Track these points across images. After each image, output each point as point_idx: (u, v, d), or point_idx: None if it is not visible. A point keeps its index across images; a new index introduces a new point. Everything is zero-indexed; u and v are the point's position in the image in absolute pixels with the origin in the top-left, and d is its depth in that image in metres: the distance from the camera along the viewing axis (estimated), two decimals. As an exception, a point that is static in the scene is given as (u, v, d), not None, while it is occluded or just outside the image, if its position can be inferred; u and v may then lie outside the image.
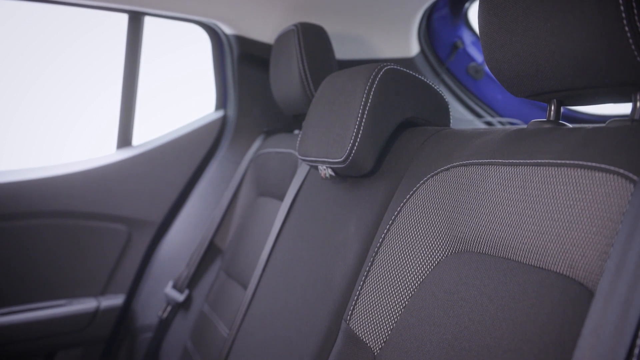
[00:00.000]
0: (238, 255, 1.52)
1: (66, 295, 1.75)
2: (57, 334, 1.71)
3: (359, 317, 0.89)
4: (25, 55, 1.85)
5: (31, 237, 1.67)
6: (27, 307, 1.68)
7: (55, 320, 1.69)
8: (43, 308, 1.69)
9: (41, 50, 1.87)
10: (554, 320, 0.59)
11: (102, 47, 1.94)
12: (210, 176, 1.90)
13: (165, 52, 2.02)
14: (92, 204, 1.74)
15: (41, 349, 1.71)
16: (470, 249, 0.76)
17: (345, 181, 1.12)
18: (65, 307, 1.72)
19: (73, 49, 1.91)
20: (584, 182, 0.62)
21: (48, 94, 1.92)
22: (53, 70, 1.91)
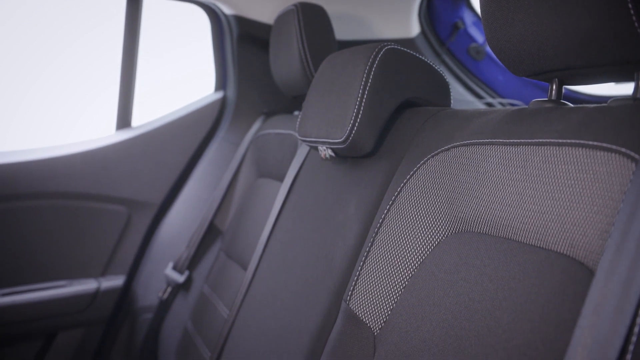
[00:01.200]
0: (238, 237, 1.52)
1: (66, 276, 1.76)
2: (58, 315, 1.71)
3: (358, 298, 0.89)
4: (23, 36, 1.84)
5: (31, 218, 1.67)
6: (27, 288, 1.68)
7: (55, 301, 1.69)
8: (43, 289, 1.70)
9: (39, 31, 1.86)
10: (554, 299, 0.59)
11: (101, 28, 1.93)
12: (210, 157, 1.90)
13: (165, 33, 2.01)
14: (92, 185, 1.74)
15: (42, 330, 1.72)
16: (471, 229, 0.76)
17: (345, 162, 1.12)
18: (66, 288, 1.73)
19: (71, 29, 1.90)
20: (586, 162, 0.62)
21: (47, 76, 1.91)
22: (51, 52, 1.90)
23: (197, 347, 1.42)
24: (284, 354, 1.02)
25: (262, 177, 1.60)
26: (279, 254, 1.21)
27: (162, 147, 1.85)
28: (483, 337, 0.65)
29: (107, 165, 1.76)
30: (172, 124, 1.87)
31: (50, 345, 1.74)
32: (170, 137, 1.86)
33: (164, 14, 1.94)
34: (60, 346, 1.75)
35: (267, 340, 1.10)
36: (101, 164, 1.75)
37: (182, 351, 1.51)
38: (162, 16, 1.93)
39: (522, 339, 0.60)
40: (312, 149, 1.27)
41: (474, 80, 2.01)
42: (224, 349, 1.25)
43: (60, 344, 1.74)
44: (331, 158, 1.09)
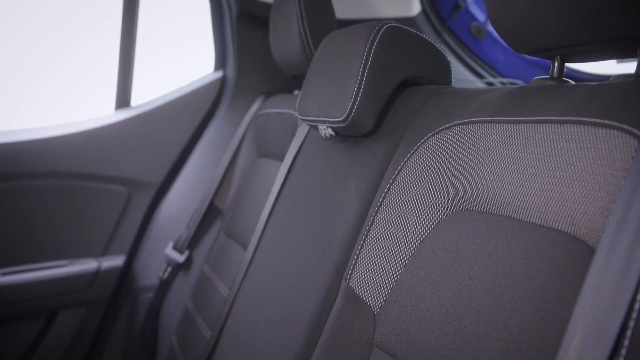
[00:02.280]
0: (238, 216, 1.52)
1: (67, 255, 1.76)
2: (59, 294, 1.72)
3: (358, 276, 0.89)
4: (21, 14, 1.83)
5: (31, 197, 1.67)
6: (28, 268, 1.68)
7: (56, 280, 1.70)
8: (44, 268, 1.70)
9: (37, 10, 1.85)
10: (554, 277, 0.59)
11: (99, 6, 1.91)
12: (210, 137, 1.89)
13: (164, 11, 2.00)
14: (91, 165, 1.74)
15: (43, 309, 1.72)
16: (471, 207, 0.76)
17: (345, 141, 1.11)
18: (66, 267, 1.73)
19: (69, 7, 1.89)
20: (587, 139, 0.61)
21: (45, 55, 1.90)
22: (49, 31, 1.88)
23: (197, 326, 1.42)
24: (284, 333, 1.03)
25: (262, 156, 1.60)
26: (279, 234, 1.21)
27: (162, 126, 1.85)
28: (483, 315, 0.65)
29: (107, 145, 1.75)
30: (171, 103, 1.86)
31: (51, 324, 1.74)
32: (169, 116, 1.86)
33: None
34: (61, 325, 1.75)
35: (267, 319, 1.10)
36: (101, 144, 1.74)
37: (183, 330, 1.52)
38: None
39: (522, 316, 0.61)
40: (312, 128, 1.27)
41: (474, 60, 2.00)
42: (224, 328, 1.25)
43: (61, 323, 1.75)
44: (331, 137, 1.09)
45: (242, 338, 1.16)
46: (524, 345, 0.59)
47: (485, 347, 0.63)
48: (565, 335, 0.52)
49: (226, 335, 1.23)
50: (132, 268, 1.85)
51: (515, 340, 0.60)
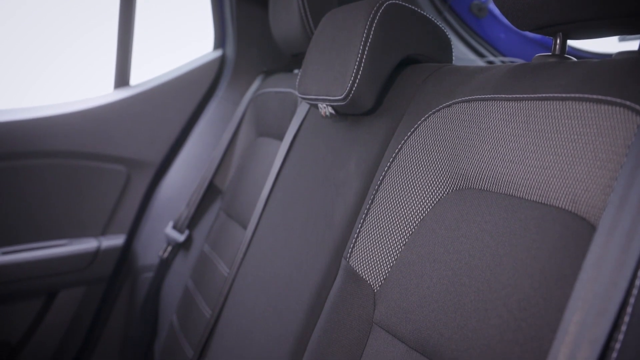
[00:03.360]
0: (238, 196, 1.52)
1: (66, 235, 1.76)
2: (59, 273, 1.72)
3: (358, 255, 0.89)
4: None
5: (30, 177, 1.67)
6: (28, 247, 1.69)
7: (56, 259, 1.70)
8: (44, 247, 1.70)
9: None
10: (555, 255, 0.59)
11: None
12: (209, 116, 1.89)
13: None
14: (91, 144, 1.73)
15: (43, 288, 1.73)
16: (472, 185, 0.76)
17: (345, 119, 1.11)
18: (66, 247, 1.74)
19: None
20: (589, 116, 0.61)
21: (43, 33, 1.89)
22: (47, 8, 1.87)
23: (197, 305, 1.43)
24: (284, 311, 1.03)
25: (262, 136, 1.60)
26: (278, 213, 1.21)
27: (161, 106, 1.84)
28: (483, 293, 0.65)
29: (106, 124, 1.75)
30: (170, 82, 1.85)
31: (52, 303, 1.75)
32: (169, 95, 1.85)
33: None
34: (61, 304, 1.76)
35: (267, 297, 1.10)
36: (99, 123, 1.74)
37: (183, 309, 1.52)
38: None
39: (522, 294, 0.60)
40: (312, 107, 1.26)
41: (475, 39, 1.98)
42: (224, 307, 1.25)
43: (61, 302, 1.76)
44: (331, 116, 1.08)
45: (242, 317, 1.17)
46: (524, 323, 0.59)
47: (485, 324, 0.63)
48: (566, 311, 0.52)
49: (226, 314, 1.24)
50: (132, 247, 1.86)
51: (515, 317, 0.60)
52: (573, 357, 0.49)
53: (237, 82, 1.90)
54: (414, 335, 0.74)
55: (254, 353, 1.07)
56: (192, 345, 1.36)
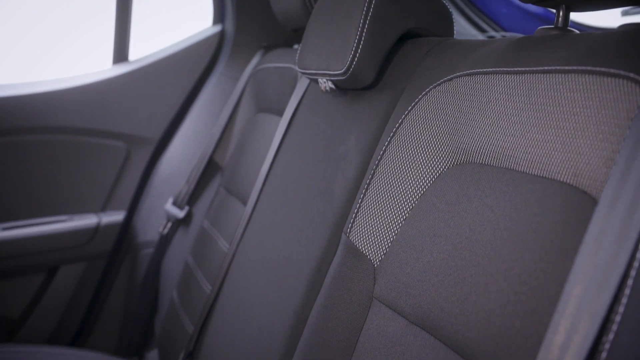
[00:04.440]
0: (237, 172, 1.51)
1: (66, 211, 1.76)
2: (59, 249, 1.72)
3: (358, 230, 0.89)
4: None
5: (29, 152, 1.67)
6: (28, 223, 1.69)
7: (56, 235, 1.71)
8: (44, 223, 1.71)
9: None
10: (556, 228, 0.59)
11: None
12: (209, 92, 1.88)
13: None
14: (89, 120, 1.73)
15: (44, 263, 1.73)
16: (473, 160, 0.75)
17: (345, 94, 1.10)
18: (66, 222, 1.74)
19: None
20: (592, 88, 0.60)
21: (41, 6, 1.87)
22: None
23: (197, 281, 1.43)
24: (284, 287, 1.03)
25: (262, 111, 1.59)
26: (278, 188, 1.20)
27: (160, 81, 1.83)
28: (483, 267, 0.65)
29: (105, 99, 1.74)
30: (169, 58, 1.84)
31: (52, 278, 1.76)
32: (168, 71, 1.84)
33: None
34: (62, 279, 1.77)
35: (267, 273, 1.10)
36: (98, 99, 1.73)
37: (183, 285, 1.53)
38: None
39: (522, 268, 0.60)
40: (312, 82, 1.25)
41: (477, 13, 1.97)
42: (224, 282, 1.26)
43: (62, 278, 1.76)
44: (331, 90, 1.07)
45: (242, 292, 1.17)
46: (524, 297, 0.59)
47: (486, 298, 0.63)
48: (566, 285, 0.52)
49: (226, 290, 1.24)
50: (132, 223, 1.86)
51: (515, 291, 0.60)
52: (573, 329, 0.49)
53: (237, 58, 1.88)
54: (414, 309, 0.74)
55: (254, 328, 1.07)
56: (193, 321, 1.36)
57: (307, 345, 0.91)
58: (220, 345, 1.17)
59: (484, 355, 0.62)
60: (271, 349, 1.00)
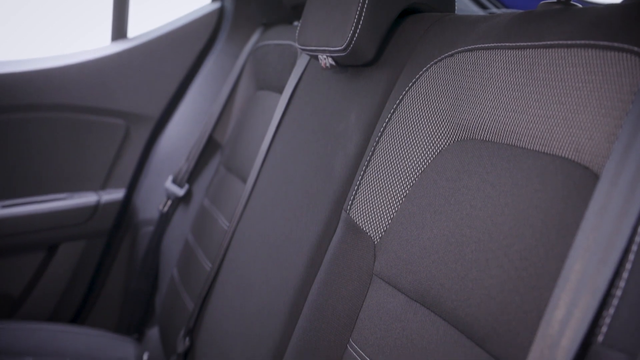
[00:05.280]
0: (237, 150, 1.51)
1: (66, 189, 1.76)
2: (59, 227, 1.73)
3: (359, 207, 0.89)
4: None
5: (28, 130, 1.66)
6: (28, 200, 1.69)
7: (56, 213, 1.71)
8: (44, 201, 1.70)
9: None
10: (557, 204, 0.58)
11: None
12: (208, 70, 1.87)
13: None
14: (89, 98, 1.72)
15: (44, 241, 1.74)
16: (474, 136, 0.75)
17: (346, 71, 1.09)
18: (66, 200, 1.74)
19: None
20: (595, 63, 0.59)
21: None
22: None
23: (197, 259, 1.43)
24: (284, 263, 1.03)
25: (262, 89, 1.58)
26: (278, 166, 1.20)
27: (159, 58, 1.82)
28: (484, 244, 0.65)
29: (103, 77, 1.73)
30: (168, 35, 1.83)
31: (53, 256, 1.76)
32: (167, 48, 1.83)
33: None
34: (62, 257, 1.77)
35: (267, 250, 1.10)
36: (97, 76, 1.72)
37: (183, 263, 1.53)
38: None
39: (523, 244, 0.60)
40: (312, 59, 1.24)
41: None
42: (224, 260, 1.26)
43: (62, 255, 1.77)
44: (331, 67, 1.07)
45: (242, 270, 1.17)
46: (525, 272, 0.59)
47: (486, 274, 0.63)
48: (567, 260, 0.52)
49: (226, 267, 1.24)
50: (132, 201, 1.86)
51: (516, 267, 0.60)
52: (574, 304, 0.49)
53: (236, 35, 1.87)
54: (414, 286, 0.74)
55: (254, 305, 1.08)
56: (193, 298, 1.37)
57: (307, 322, 0.91)
58: (221, 323, 1.18)
59: (484, 330, 0.62)
60: (271, 325, 1.00)
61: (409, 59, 0.94)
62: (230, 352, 1.10)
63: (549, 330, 0.50)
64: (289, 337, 0.96)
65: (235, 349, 1.09)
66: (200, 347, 1.23)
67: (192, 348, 1.26)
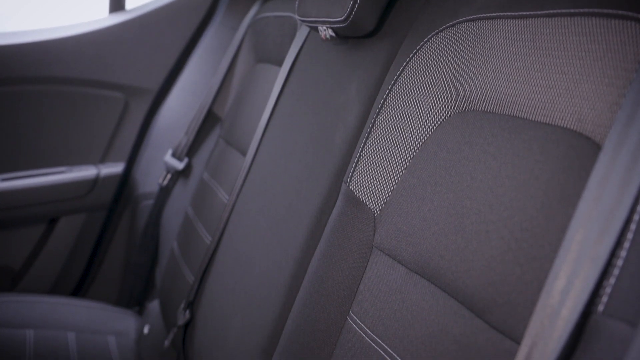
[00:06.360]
0: (237, 123, 1.50)
1: (65, 162, 1.76)
2: (59, 200, 1.73)
3: (359, 179, 0.88)
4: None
5: (25, 103, 1.66)
6: (27, 174, 1.69)
7: (56, 186, 1.71)
8: (43, 174, 1.70)
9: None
10: (558, 175, 0.58)
11: None
12: (207, 43, 1.85)
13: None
14: (86, 70, 1.71)
15: (44, 214, 1.74)
16: (475, 107, 0.74)
17: (346, 42, 1.08)
18: (66, 174, 1.73)
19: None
20: (599, 31, 0.59)
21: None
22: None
23: (197, 232, 1.43)
24: (284, 236, 1.03)
25: (261, 62, 1.57)
26: (278, 139, 1.20)
27: (158, 31, 1.81)
28: (484, 215, 0.65)
29: (101, 49, 1.72)
30: (167, 7, 1.81)
31: (53, 229, 1.76)
32: (165, 20, 1.81)
33: None
34: (62, 230, 1.77)
35: (266, 223, 1.10)
36: (95, 48, 1.71)
37: (183, 236, 1.53)
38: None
39: (524, 215, 0.60)
40: (311, 31, 1.23)
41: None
42: (224, 232, 1.26)
43: (62, 228, 1.77)
44: (331, 39, 1.06)
45: (242, 242, 1.17)
46: (525, 243, 0.59)
47: (486, 246, 0.63)
48: (568, 231, 0.52)
49: (226, 240, 1.24)
50: (132, 175, 1.86)
51: (516, 238, 0.60)
52: (574, 274, 0.49)
53: (236, 7, 1.85)
54: (414, 257, 0.74)
55: (254, 277, 1.08)
56: (193, 271, 1.37)
57: (307, 294, 0.91)
58: (221, 295, 1.18)
59: (484, 302, 0.62)
60: (271, 297, 1.01)
61: (410, 30, 0.93)
62: (230, 324, 1.11)
63: (550, 300, 0.50)
64: (289, 309, 0.97)
65: (236, 321, 1.09)
66: (201, 319, 1.23)
67: (193, 320, 1.27)
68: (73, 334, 1.43)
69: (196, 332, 1.23)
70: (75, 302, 1.57)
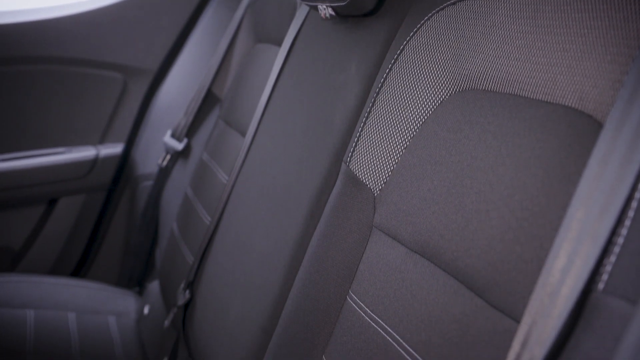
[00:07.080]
0: (236, 103, 1.50)
1: (64, 143, 1.76)
2: (58, 181, 1.73)
3: (358, 159, 0.88)
4: None
5: (23, 83, 1.65)
6: (26, 154, 1.68)
7: (55, 167, 1.70)
8: (42, 155, 1.70)
9: None
10: (559, 153, 0.58)
11: None
12: (206, 22, 1.84)
13: None
14: (84, 50, 1.70)
15: (44, 195, 1.74)
16: (476, 86, 0.74)
17: (346, 21, 1.07)
18: (65, 155, 1.73)
19: None
20: (601, 7, 0.58)
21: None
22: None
23: (197, 213, 1.43)
24: (283, 216, 1.03)
25: (260, 42, 1.56)
26: (277, 119, 1.19)
27: (156, 11, 1.79)
28: (485, 194, 0.65)
29: (99, 29, 1.71)
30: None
31: (53, 210, 1.76)
32: (164, 0, 1.80)
33: None
34: (62, 211, 1.77)
35: (266, 203, 1.10)
36: (92, 28, 1.70)
37: (183, 216, 1.53)
38: None
39: (525, 194, 0.60)
40: (311, 10, 1.22)
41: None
42: (224, 213, 1.26)
43: (62, 209, 1.77)
44: (331, 18, 1.05)
45: (242, 223, 1.17)
46: (526, 222, 0.58)
47: (487, 225, 0.63)
48: (569, 209, 0.51)
49: (226, 221, 1.24)
50: (131, 156, 1.85)
51: (517, 217, 0.60)
52: (575, 253, 0.49)
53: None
54: (414, 237, 0.74)
55: (253, 258, 1.08)
56: (193, 252, 1.37)
57: (307, 274, 0.91)
58: (220, 275, 1.18)
59: (484, 281, 0.62)
60: (271, 278, 1.01)
61: (410, 8, 0.92)
62: (230, 304, 1.11)
63: (550, 279, 0.50)
64: (288, 289, 0.97)
65: (235, 301, 1.09)
66: (201, 299, 1.24)
67: (193, 301, 1.27)
68: (73, 315, 1.43)
69: (196, 312, 1.24)
70: (75, 283, 1.57)
